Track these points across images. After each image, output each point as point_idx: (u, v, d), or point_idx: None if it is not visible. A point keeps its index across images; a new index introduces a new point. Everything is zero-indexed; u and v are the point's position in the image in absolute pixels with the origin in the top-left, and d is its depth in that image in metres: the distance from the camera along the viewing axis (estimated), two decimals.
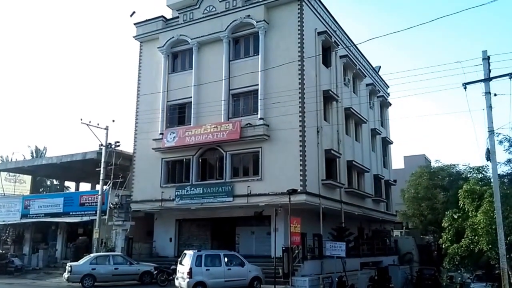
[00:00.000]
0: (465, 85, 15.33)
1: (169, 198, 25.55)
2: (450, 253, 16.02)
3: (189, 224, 27.38)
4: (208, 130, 24.54)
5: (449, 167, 37.35)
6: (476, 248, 15.32)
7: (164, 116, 26.93)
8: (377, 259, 29.32)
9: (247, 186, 23.36)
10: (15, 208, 31.38)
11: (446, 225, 16.75)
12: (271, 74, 23.87)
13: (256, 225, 25.08)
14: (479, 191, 16.30)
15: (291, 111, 22.47)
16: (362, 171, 30.18)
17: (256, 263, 20.14)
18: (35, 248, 30.03)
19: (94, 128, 26.20)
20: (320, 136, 24.50)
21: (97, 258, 21.22)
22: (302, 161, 22.24)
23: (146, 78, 28.66)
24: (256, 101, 24.23)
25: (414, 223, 39.76)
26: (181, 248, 25.42)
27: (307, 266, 21.36)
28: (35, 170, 34.45)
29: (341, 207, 26.06)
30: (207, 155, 25.69)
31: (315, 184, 23.35)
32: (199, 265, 17.59)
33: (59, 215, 29.10)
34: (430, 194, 36.37)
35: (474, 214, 15.83)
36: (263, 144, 23.49)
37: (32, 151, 46.57)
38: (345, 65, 29.49)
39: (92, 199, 27.76)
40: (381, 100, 36.84)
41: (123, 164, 27.26)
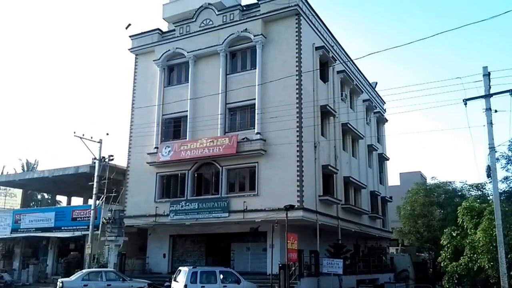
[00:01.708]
0: (466, 101, 15.26)
1: (163, 213, 25.16)
2: (449, 271, 15.75)
3: (183, 240, 26.92)
4: (204, 144, 24.30)
5: (445, 184, 37.27)
6: (475, 266, 15.08)
7: (159, 130, 26.67)
8: (373, 277, 28.92)
9: (243, 202, 23.05)
10: (5, 222, 30.78)
11: (444, 242, 16.51)
12: (268, 88, 23.78)
13: (251, 241, 24.72)
14: (478, 209, 16.14)
15: (288, 125, 22.31)
16: (359, 187, 29.98)
17: (252, 280, 19.79)
18: (26, 263, 29.44)
19: (88, 141, 25.81)
20: (318, 152, 24.33)
21: (89, 274, 20.76)
22: (299, 177, 22.01)
23: (141, 91, 28.46)
24: (253, 116, 24.08)
25: (410, 240, 39.45)
26: (175, 264, 24.99)
27: (304, 283, 20.98)
28: (26, 183, 33.98)
29: (338, 224, 25.77)
30: (203, 169, 25.40)
31: (312, 200, 23.08)
32: (194, 282, 17.31)
33: (50, 229, 28.59)
34: (426, 211, 36.17)
35: (473, 231, 15.64)
36: (259, 159, 23.26)
37: (23, 165, 46.02)
38: (342, 80, 29.54)
39: (85, 214, 27.30)
40: (377, 116, 36.88)
41: (116, 178, 26.88)
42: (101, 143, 26.20)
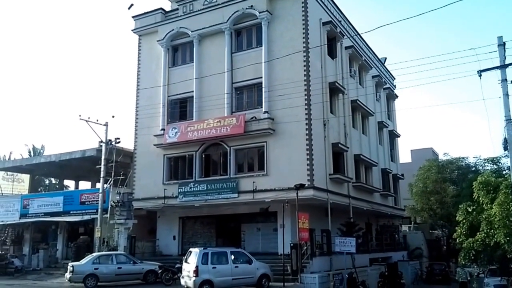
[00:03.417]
0: (480, 72, 14.59)
1: (172, 196, 24.91)
2: (466, 247, 15.32)
3: (192, 221, 26.75)
4: (211, 125, 23.86)
5: (458, 160, 36.63)
6: (492, 241, 14.64)
7: (165, 111, 26.25)
8: (386, 255, 28.69)
9: (253, 182, 22.70)
10: (13, 207, 30.77)
11: (460, 218, 16.04)
12: (275, 66, 23.17)
13: (262, 222, 24.46)
14: (494, 183, 15.61)
15: (296, 103, 21.78)
16: (369, 165, 29.47)
17: (263, 260, 19.54)
18: (35, 248, 29.46)
19: (93, 124, 25.57)
20: (327, 129, 23.81)
21: (100, 258, 20.66)
22: (309, 155, 21.55)
23: (145, 72, 27.97)
24: (260, 94, 23.55)
25: (423, 217, 39.04)
26: (185, 246, 24.87)
27: (316, 262, 20.73)
28: (34, 169, 33.90)
29: (349, 202, 25.39)
30: (211, 150, 25.02)
31: (323, 179, 22.67)
32: (205, 263, 17.06)
33: (59, 214, 28.49)
34: (439, 188, 35.66)
35: (489, 206, 15.15)
36: (268, 138, 22.81)
37: (30, 150, 45.91)
38: (351, 56, 28.77)
39: (93, 198, 27.15)
40: (387, 92, 36.10)
41: (123, 161, 26.65)
42: (107, 126, 25.94)
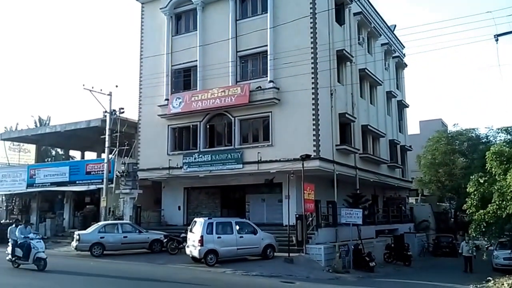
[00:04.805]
0: (497, 36, 13.82)
1: (176, 166, 24.73)
2: (476, 219, 14.96)
3: (197, 192, 26.68)
4: (215, 94, 23.39)
5: (468, 131, 35.89)
6: (504, 213, 14.26)
7: (169, 81, 25.79)
8: (392, 227, 28.55)
9: (257, 153, 22.38)
10: (20, 177, 30.92)
11: (471, 190, 15.61)
12: (281, 33, 22.45)
13: (267, 193, 24.31)
14: (508, 153, 15.10)
15: (302, 71, 21.15)
16: (377, 136, 28.94)
17: (268, 231, 19.50)
18: (42, 218, 29.78)
19: (97, 94, 25.24)
20: (334, 99, 23.25)
21: (106, 227, 20.76)
22: (315, 125, 21.09)
23: (149, 41, 27.40)
24: (265, 63, 22.95)
25: (431, 189, 38.64)
26: (190, 216, 24.86)
27: (321, 234, 20.59)
28: (39, 139, 33.92)
29: (355, 174, 25.05)
30: (215, 121, 24.65)
31: (329, 150, 22.28)
32: (210, 233, 17.08)
33: (65, 184, 28.59)
34: (448, 159, 35.10)
35: (502, 177, 14.70)
36: (273, 108, 22.34)
37: (36, 121, 45.85)
38: (359, 23, 27.86)
39: (98, 168, 27.13)
40: (396, 61, 35.14)
41: (128, 131, 26.47)
42: (111, 95, 25.64)
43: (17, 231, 14.85)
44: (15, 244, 14.68)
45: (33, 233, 15.40)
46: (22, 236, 14.61)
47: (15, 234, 14.91)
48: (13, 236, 15.00)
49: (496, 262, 20.61)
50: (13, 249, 14.73)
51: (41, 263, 14.13)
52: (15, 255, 14.66)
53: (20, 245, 14.45)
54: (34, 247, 14.15)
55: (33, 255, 14.06)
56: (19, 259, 14.56)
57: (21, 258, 14.47)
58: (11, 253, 14.77)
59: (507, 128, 23.84)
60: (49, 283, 12.69)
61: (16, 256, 14.63)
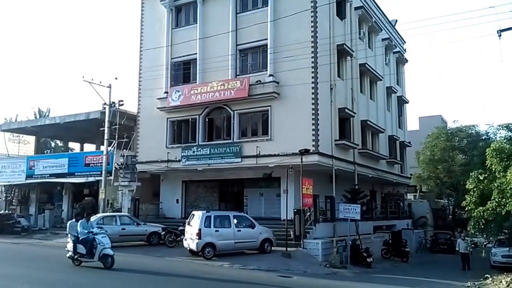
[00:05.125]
0: (500, 32, 13.75)
1: (175, 159, 24.69)
2: (475, 216, 14.92)
3: (196, 185, 26.67)
4: (214, 88, 23.29)
5: (468, 128, 35.81)
6: (503, 210, 14.21)
7: (168, 74, 25.68)
8: (390, 223, 28.58)
9: (256, 147, 22.32)
10: (19, 168, 30.94)
11: (471, 186, 15.55)
12: (281, 27, 22.32)
13: (265, 187, 24.27)
14: (509, 150, 15.04)
15: (302, 65, 21.03)
16: (376, 131, 28.89)
17: (265, 225, 19.50)
18: (41, 209, 29.88)
19: (97, 86, 25.16)
20: (334, 94, 23.17)
21: (104, 219, 20.70)
22: (315, 120, 21.02)
23: (149, 33, 27.26)
24: (265, 57, 22.84)
25: (429, 186, 38.62)
26: (188, 209, 24.88)
27: (319, 228, 20.60)
28: (39, 130, 33.88)
29: (354, 169, 25.02)
30: (214, 114, 24.57)
31: (328, 145, 22.23)
32: (208, 226, 17.08)
33: (64, 175, 28.60)
34: (447, 156, 35.07)
35: (502, 174, 14.65)
36: (273, 102, 22.25)
37: (35, 113, 45.84)
38: (360, 17, 27.71)
39: (97, 160, 27.12)
40: (397, 56, 34.99)
41: (127, 124, 26.52)
42: (111, 88, 25.55)
43: (79, 226, 13.54)
44: (77, 240, 13.34)
45: (97, 228, 14.19)
46: (84, 231, 13.36)
47: (76, 229, 13.60)
48: (73, 231, 13.61)
49: (494, 260, 20.59)
50: (74, 245, 13.37)
51: (108, 261, 13.00)
52: (78, 252, 13.33)
53: (83, 241, 13.21)
54: (100, 242, 12.97)
55: (98, 251, 12.92)
56: (82, 257, 13.29)
57: (84, 256, 13.22)
58: (73, 250, 13.40)
59: (508, 124, 23.72)
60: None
61: (79, 253, 13.31)
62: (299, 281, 13.64)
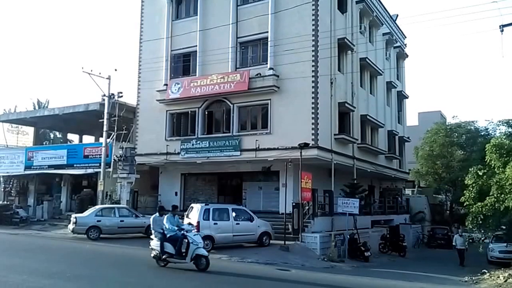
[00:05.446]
0: (502, 27, 13.68)
1: (174, 152, 24.65)
2: (474, 212, 14.97)
3: (194, 178, 26.67)
4: (214, 81, 23.19)
5: (467, 123, 35.81)
6: (501, 206, 14.26)
7: (168, 66, 25.54)
8: (388, 218, 28.67)
9: (255, 140, 22.26)
10: (18, 159, 30.91)
11: (469, 182, 15.59)
12: (282, 19, 22.20)
13: (264, 181, 24.26)
14: (508, 146, 15.05)
15: (303, 59, 20.95)
16: (376, 126, 28.88)
17: (264, 218, 19.54)
18: (40, 200, 29.89)
19: (96, 78, 25.24)
20: (334, 88, 23.10)
21: (102, 210, 20.82)
22: (315, 114, 20.95)
23: (149, 25, 27.07)
24: (265, 49, 22.71)
25: (427, 181, 38.68)
26: (187, 202, 24.88)
27: (317, 222, 20.64)
28: (38, 121, 33.80)
29: (353, 163, 25.03)
30: (214, 107, 24.50)
31: (327, 139, 22.20)
32: (206, 219, 17.09)
33: (63, 167, 28.59)
34: (445, 151, 35.06)
35: (501, 170, 14.67)
36: (272, 96, 22.16)
37: (34, 104, 45.68)
38: (362, 11, 27.60)
39: (96, 152, 27.12)
40: (397, 51, 34.89)
41: (126, 116, 26.46)
42: (110, 79, 25.60)
43: (166, 221, 11.98)
44: (164, 238, 11.84)
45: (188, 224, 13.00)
46: (174, 227, 11.85)
47: (160, 224, 12.15)
48: (157, 227, 12.13)
49: (491, 255, 20.71)
50: (161, 244, 11.81)
51: (202, 262, 11.53)
52: (165, 252, 11.76)
53: (171, 239, 11.73)
54: (192, 241, 11.50)
55: (191, 251, 11.44)
56: (171, 257, 11.74)
57: (173, 256, 11.68)
58: (160, 249, 11.82)
59: (508, 120, 23.69)
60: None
61: (167, 252, 11.74)
62: (297, 275, 13.67)
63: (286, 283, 10.81)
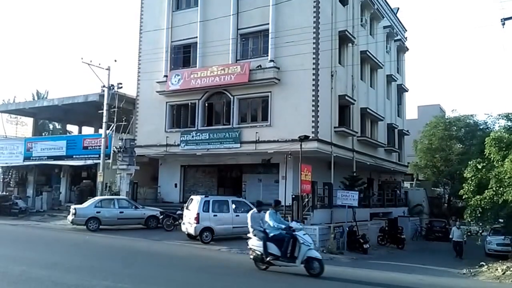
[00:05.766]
0: (504, 21, 13.66)
1: (174, 143, 24.66)
2: (472, 204, 15.05)
3: (194, 170, 26.71)
4: (214, 72, 23.15)
5: (466, 117, 35.87)
6: (500, 199, 14.34)
7: (168, 57, 25.48)
8: (387, 210, 28.75)
9: (255, 133, 22.29)
10: (17, 150, 30.86)
11: (469, 175, 15.66)
12: (283, 11, 22.14)
13: (263, 173, 24.32)
14: (507, 140, 15.09)
15: (304, 51, 20.92)
16: (376, 119, 28.89)
17: (264, 211, 19.38)
18: (39, 191, 29.87)
19: (96, 68, 25.10)
20: (334, 81, 23.07)
21: (102, 202, 20.82)
22: (315, 107, 20.96)
23: (149, 15, 26.99)
24: (266, 41, 22.67)
25: (426, 174, 38.83)
26: (186, 194, 24.97)
27: (317, 215, 20.67)
28: (37, 112, 33.71)
29: (353, 156, 25.06)
30: (214, 99, 24.47)
31: (327, 132, 22.22)
32: (206, 211, 17.11)
33: (62, 158, 28.57)
34: (444, 145, 35.16)
35: (500, 164, 14.73)
36: (273, 88, 22.14)
37: (33, 94, 45.56)
38: (363, 4, 27.51)
39: (95, 143, 27.10)
40: (398, 45, 34.78)
41: (126, 107, 26.40)
42: (109, 70, 25.48)
43: (268, 218, 10.52)
44: (266, 237, 10.44)
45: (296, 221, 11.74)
46: (280, 225, 10.46)
47: (259, 222, 10.88)
48: (256, 225, 10.80)
49: (489, 248, 20.86)
50: (264, 244, 10.39)
51: (315, 266, 10.12)
52: (269, 253, 10.34)
53: (276, 239, 10.35)
54: (303, 242, 10.13)
55: (302, 253, 10.06)
56: (277, 259, 10.33)
57: (279, 258, 10.26)
58: (263, 250, 10.40)
59: (507, 114, 23.74)
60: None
61: (271, 254, 10.33)
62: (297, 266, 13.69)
63: (287, 275, 10.82)
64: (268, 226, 10.54)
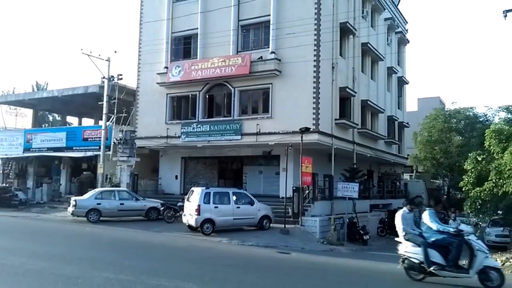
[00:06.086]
0: (506, 12, 13.62)
1: (174, 135, 24.63)
2: (472, 196, 15.12)
3: (195, 162, 26.72)
4: (215, 64, 23.06)
5: (466, 109, 35.90)
6: (500, 191, 14.41)
7: (168, 49, 25.34)
8: (386, 202, 28.87)
9: (256, 124, 22.26)
10: (17, 141, 30.79)
11: (469, 167, 15.72)
12: (284, 3, 22.08)
13: (264, 165, 24.36)
14: (507, 132, 15.13)
15: (305, 42, 20.85)
16: (376, 111, 28.87)
17: (264, 202, 19.60)
18: (39, 183, 29.85)
19: (96, 59, 25.01)
20: (335, 73, 23.02)
21: (102, 193, 20.78)
22: (316, 99, 20.93)
23: (149, 6, 26.80)
24: (267, 33, 22.56)
25: (425, 166, 38.95)
26: (187, 186, 24.99)
27: (317, 206, 20.77)
28: (36, 103, 33.59)
29: (353, 148, 25.09)
30: (214, 91, 24.41)
31: (328, 124, 22.22)
32: (207, 202, 17.13)
33: (62, 149, 28.51)
34: (444, 137, 35.24)
35: (500, 156, 14.79)
36: (274, 80, 22.09)
37: (33, 86, 45.39)
38: None
39: (96, 134, 27.04)
40: (399, 37, 34.64)
41: (126, 99, 26.35)
42: (109, 61, 25.40)
43: (429, 220, 8.88)
44: (427, 243, 8.87)
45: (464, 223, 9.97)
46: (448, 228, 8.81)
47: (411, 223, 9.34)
48: (408, 227, 9.24)
49: (487, 239, 20.98)
50: (425, 250, 8.83)
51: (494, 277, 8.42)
52: (431, 261, 8.76)
53: (439, 245, 8.81)
54: (478, 248, 8.55)
55: (479, 262, 8.47)
56: (443, 269, 8.70)
57: (445, 267, 8.67)
58: (425, 258, 8.84)
59: (507, 106, 23.74)
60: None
61: (434, 263, 8.74)
62: (298, 258, 13.82)
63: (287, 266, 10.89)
64: (427, 229, 8.97)
